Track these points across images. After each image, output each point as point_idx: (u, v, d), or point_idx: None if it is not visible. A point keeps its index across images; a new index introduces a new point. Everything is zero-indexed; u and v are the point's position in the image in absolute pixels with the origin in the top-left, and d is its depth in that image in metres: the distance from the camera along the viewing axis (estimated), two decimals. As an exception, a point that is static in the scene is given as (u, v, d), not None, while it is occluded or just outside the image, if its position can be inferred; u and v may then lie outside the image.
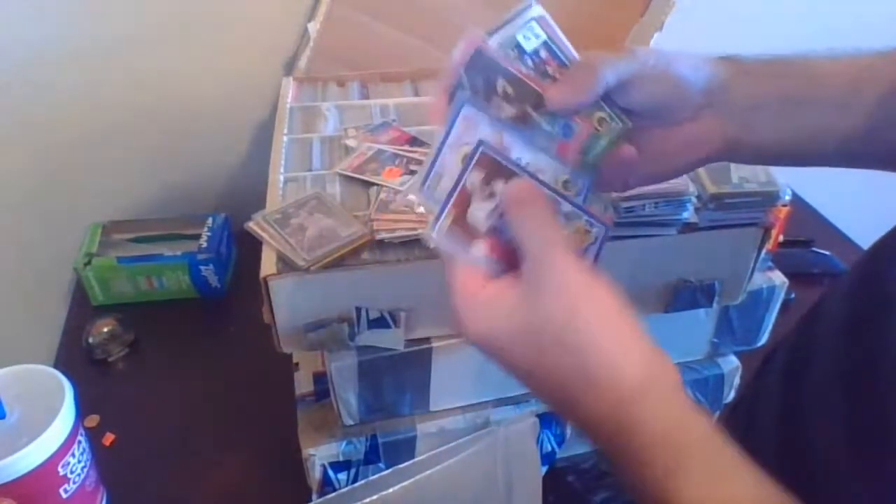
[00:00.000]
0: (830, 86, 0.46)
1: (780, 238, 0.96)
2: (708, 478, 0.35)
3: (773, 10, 1.12)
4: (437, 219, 0.42)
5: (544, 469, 0.67)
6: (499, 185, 0.42)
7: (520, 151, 0.44)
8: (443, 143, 0.43)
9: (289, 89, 0.83)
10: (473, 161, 0.42)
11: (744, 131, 0.46)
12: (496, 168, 0.42)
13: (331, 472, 0.64)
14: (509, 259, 0.42)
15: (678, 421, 0.37)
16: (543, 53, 0.46)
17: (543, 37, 0.46)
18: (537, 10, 0.46)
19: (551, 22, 0.47)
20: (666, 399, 0.37)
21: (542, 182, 0.43)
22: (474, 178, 0.42)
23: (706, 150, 0.47)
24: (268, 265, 0.56)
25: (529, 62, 0.46)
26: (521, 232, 0.40)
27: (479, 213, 0.42)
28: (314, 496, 0.65)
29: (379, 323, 0.59)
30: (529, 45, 0.46)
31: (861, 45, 0.47)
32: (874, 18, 1.08)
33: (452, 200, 0.42)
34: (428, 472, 0.57)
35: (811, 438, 0.43)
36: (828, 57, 0.47)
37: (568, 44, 0.47)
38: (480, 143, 0.42)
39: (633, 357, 0.38)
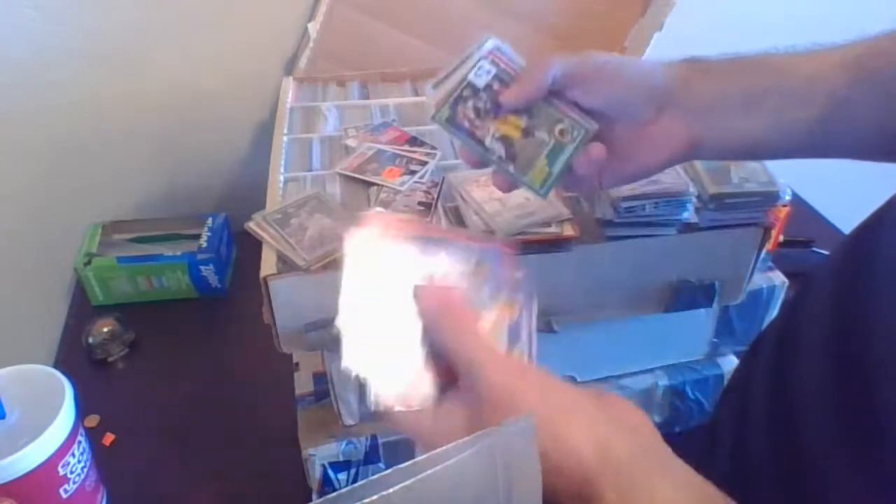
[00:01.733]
0: (792, 77, 0.47)
1: (780, 238, 0.96)
2: None
3: (773, 10, 1.12)
4: (371, 389, 0.41)
5: (544, 469, 0.67)
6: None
7: (429, 260, 0.42)
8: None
9: (289, 89, 0.83)
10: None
11: (707, 129, 0.48)
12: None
13: (331, 472, 0.64)
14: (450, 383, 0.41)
15: (637, 490, 0.36)
16: (496, 86, 0.49)
17: (494, 71, 0.49)
18: (490, 44, 0.49)
19: (506, 50, 0.50)
20: (621, 471, 0.36)
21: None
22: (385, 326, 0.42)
23: (671, 150, 0.49)
24: (268, 265, 0.56)
25: (484, 96, 0.49)
26: (447, 349, 0.40)
27: (408, 359, 0.41)
28: (314, 496, 0.65)
29: (379, 323, 0.59)
30: (481, 82, 0.49)
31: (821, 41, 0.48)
32: (875, 18, 1.08)
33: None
34: (428, 472, 0.57)
35: (802, 430, 0.43)
36: (787, 52, 0.48)
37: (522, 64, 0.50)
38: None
39: (584, 436, 0.37)
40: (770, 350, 0.49)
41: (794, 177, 0.69)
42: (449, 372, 0.41)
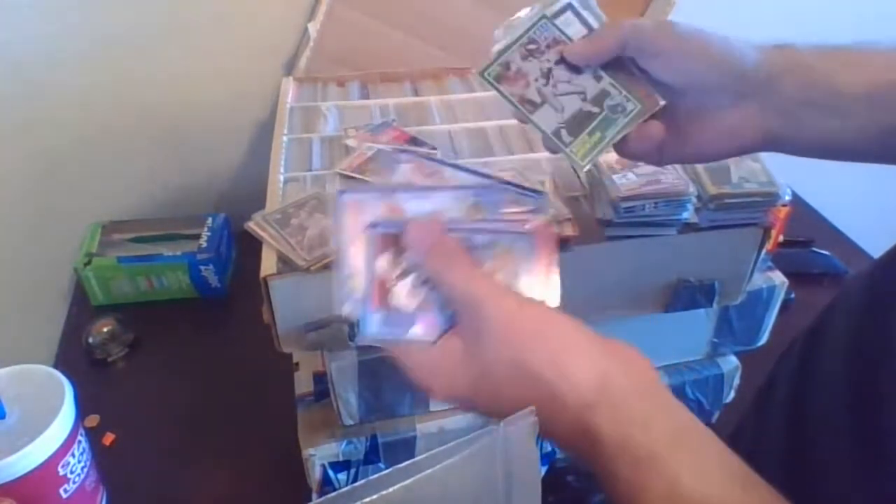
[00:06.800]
0: (882, 81, 0.43)
1: (780, 238, 0.96)
2: (669, 484, 0.34)
3: (773, 10, 1.12)
4: (364, 322, 0.41)
5: (544, 469, 0.67)
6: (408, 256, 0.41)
7: (419, 204, 0.42)
8: (341, 243, 0.41)
9: (289, 89, 0.83)
10: (372, 248, 0.40)
11: (788, 127, 0.45)
12: (397, 240, 0.41)
13: (331, 472, 0.64)
14: (448, 320, 0.41)
15: (636, 426, 0.36)
16: (556, 47, 0.47)
17: (555, 34, 0.47)
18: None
19: (577, 7, 0.48)
20: (620, 404, 0.36)
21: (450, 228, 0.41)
22: (382, 263, 0.41)
23: (743, 140, 0.46)
24: (268, 265, 0.56)
25: (536, 58, 0.47)
26: (443, 287, 0.40)
27: (402, 296, 0.41)
28: (314, 496, 0.65)
29: (379, 323, 0.59)
30: (540, 41, 0.47)
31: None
32: (875, 16, 1.08)
33: (372, 297, 0.41)
34: (428, 471, 0.57)
35: (818, 466, 0.42)
36: (887, 49, 0.44)
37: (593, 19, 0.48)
38: (369, 226, 0.40)
39: (584, 364, 0.37)
40: (783, 396, 0.48)
41: (794, 177, 0.69)
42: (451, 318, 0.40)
